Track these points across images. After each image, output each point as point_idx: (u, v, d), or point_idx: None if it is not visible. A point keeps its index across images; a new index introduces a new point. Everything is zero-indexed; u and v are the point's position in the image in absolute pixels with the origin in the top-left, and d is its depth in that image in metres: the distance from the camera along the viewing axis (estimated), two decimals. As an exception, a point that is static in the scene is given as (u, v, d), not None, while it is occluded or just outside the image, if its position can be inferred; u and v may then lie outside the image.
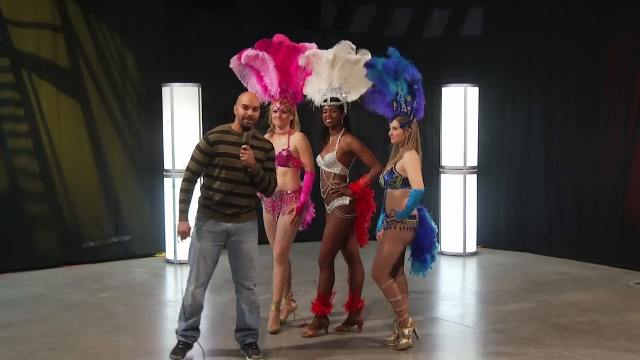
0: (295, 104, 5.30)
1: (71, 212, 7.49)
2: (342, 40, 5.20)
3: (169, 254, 7.64)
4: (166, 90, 7.56)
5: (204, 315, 5.79)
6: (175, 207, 7.51)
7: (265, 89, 5.32)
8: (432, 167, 8.67)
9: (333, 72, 5.07)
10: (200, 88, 7.65)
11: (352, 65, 5.06)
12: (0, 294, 6.23)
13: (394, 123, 4.72)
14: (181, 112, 7.54)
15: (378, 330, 5.16)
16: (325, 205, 5.19)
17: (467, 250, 8.13)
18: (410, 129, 4.69)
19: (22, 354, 4.63)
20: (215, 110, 8.24)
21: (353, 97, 5.11)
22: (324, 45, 9.34)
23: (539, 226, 8.13)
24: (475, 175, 8.21)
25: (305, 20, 9.08)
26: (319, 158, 5.18)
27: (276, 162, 4.88)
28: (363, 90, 5.08)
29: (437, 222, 8.36)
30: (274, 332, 5.08)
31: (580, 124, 7.69)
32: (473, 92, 8.13)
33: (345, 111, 5.10)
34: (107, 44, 7.69)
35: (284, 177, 5.15)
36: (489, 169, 8.38)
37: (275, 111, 5.21)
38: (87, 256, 7.54)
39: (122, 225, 7.81)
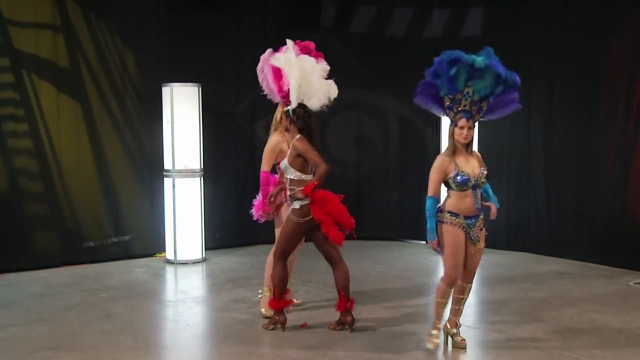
0: None
1: (71, 212, 7.48)
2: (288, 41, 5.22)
3: (169, 254, 7.64)
4: (166, 90, 7.56)
5: (205, 316, 5.80)
6: (176, 206, 7.53)
7: (280, 89, 5.31)
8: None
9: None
10: (200, 88, 7.65)
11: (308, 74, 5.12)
12: (0, 294, 6.23)
13: (470, 122, 4.56)
14: (181, 112, 7.54)
15: (378, 329, 5.16)
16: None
17: (467, 250, 8.11)
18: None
19: (22, 354, 4.63)
20: (215, 110, 8.26)
21: (314, 103, 5.17)
22: (324, 45, 9.39)
23: (539, 226, 8.12)
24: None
25: (305, 20, 9.08)
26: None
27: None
28: (323, 97, 5.17)
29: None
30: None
31: (580, 124, 7.69)
32: (473, 92, 8.11)
33: (292, 117, 5.09)
34: (107, 44, 7.69)
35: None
36: (489, 169, 8.32)
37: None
38: (87, 256, 7.54)
39: (122, 225, 7.81)
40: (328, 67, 5.31)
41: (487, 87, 4.52)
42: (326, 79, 5.27)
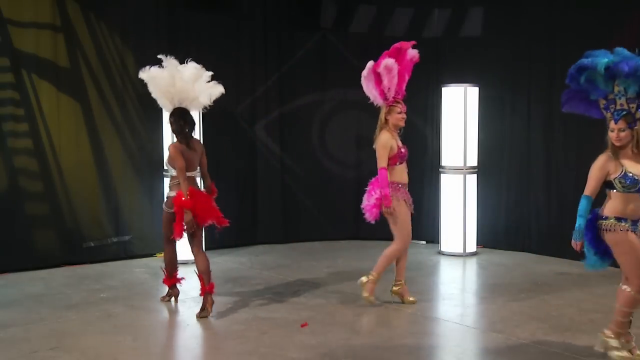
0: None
1: (71, 212, 7.48)
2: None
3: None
4: (166, 90, 7.55)
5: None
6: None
7: (382, 93, 5.67)
8: (432, 167, 8.68)
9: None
10: (200, 88, 7.64)
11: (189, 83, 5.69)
12: (0, 294, 6.23)
13: (620, 124, 4.40)
14: (181, 112, 7.53)
15: (378, 329, 5.16)
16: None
17: (467, 250, 8.12)
18: (636, 128, 4.37)
19: (22, 354, 4.63)
20: (215, 110, 8.24)
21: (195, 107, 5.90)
22: (324, 44, 9.40)
23: (539, 226, 8.12)
24: (475, 175, 8.21)
25: (305, 20, 9.09)
26: None
27: (399, 159, 5.68)
28: (205, 102, 5.87)
29: (437, 222, 8.43)
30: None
31: (580, 123, 7.66)
32: (473, 92, 8.13)
33: (173, 121, 5.72)
34: (107, 44, 7.69)
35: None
36: (489, 169, 8.38)
37: (400, 113, 5.71)
38: (87, 256, 7.54)
39: (122, 225, 7.80)
40: (206, 72, 5.80)
41: (635, 84, 4.30)
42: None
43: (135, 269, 7.30)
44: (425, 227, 8.86)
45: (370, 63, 5.71)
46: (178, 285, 6.01)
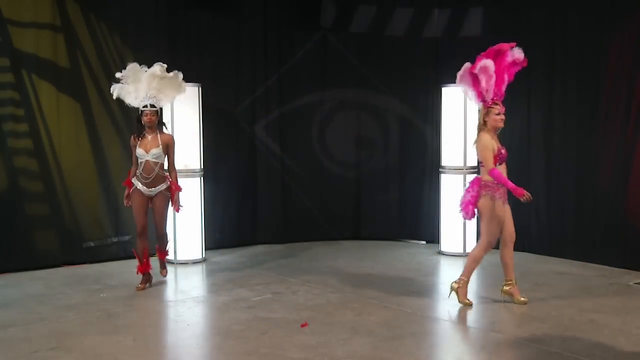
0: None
1: (71, 212, 7.48)
2: (157, 64, 6.40)
3: (169, 254, 7.63)
4: (166, 90, 7.56)
5: (204, 316, 5.81)
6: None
7: (480, 94, 5.70)
8: (432, 167, 8.68)
9: (150, 85, 6.33)
10: (200, 88, 7.65)
11: (168, 80, 6.43)
12: (0, 294, 6.23)
13: None
14: (181, 112, 7.54)
15: (378, 329, 5.16)
16: (147, 189, 6.33)
17: (467, 250, 8.09)
18: None
19: (22, 354, 4.63)
20: (215, 110, 8.27)
21: (165, 103, 6.76)
22: (324, 44, 9.40)
23: (539, 226, 8.12)
24: (475, 176, 8.19)
25: (305, 20, 9.08)
26: (141, 151, 6.30)
27: (498, 160, 5.62)
28: (173, 98, 6.76)
29: (437, 222, 8.43)
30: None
31: (580, 124, 7.69)
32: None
33: (159, 115, 6.46)
34: (107, 44, 7.69)
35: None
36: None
37: (499, 114, 5.69)
38: (87, 256, 7.54)
39: (122, 225, 7.80)
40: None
41: None
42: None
43: (135, 269, 7.28)
44: (425, 227, 8.87)
45: (467, 64, 5.76)
46: (151, 272, 6.58)
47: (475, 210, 5.76)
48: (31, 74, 7.20)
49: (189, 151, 7.55)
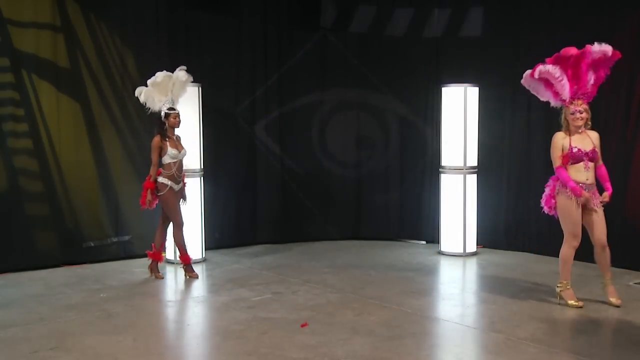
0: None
1: (71, 212, 7.48)
2: (180, 69, 6.76)
3: (169, 254, 7.63)
4: (166, 90, 7.56)
5: (205, 316, 5.81)
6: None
7: (555, 94, 5.83)
8: (432, 167, 8.69)
9: (173, 89, 6.72)
10: (200, 88, 7.64)
11: (183, 83, 6.79)
12: (0, 294, 6.23)
13: None
14: (181, 112, 7.51)
15: (378, 329, 5.16)
16: (178, 186, 6.76)
17: (467, 250, 8.12)
18: None
19: (22, 354, 4.63)
20: (215, 110, 8.26)
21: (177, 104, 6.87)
22: (324, 44, 9.41)
23: (539, 226, 8.11)
24: (475, 176, 8.21)
25: (305, 20, 9.09)
26: (175, 152, 6.66)
27: (588, 159, 5.65)
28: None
29: (437, 222, 8.43)
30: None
31: (580, 124, 7.68)
32: (473, 92, 8.12)
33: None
34: (107, 44, 7.69)
35: (592, 172, 5.72)
36: (489, 169, 8.37)
37: (573, 113, 5.72)
38: (87, 256, 7.54)
39: (122, 225, 7.81)
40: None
41: None
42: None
43: (135, 269, 7.30)
44: (425, 227, 8.87)
45: (527, 72, 5.89)
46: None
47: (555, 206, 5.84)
48: (31, 74, 7.20)
49: (189, 151, 7.54)
